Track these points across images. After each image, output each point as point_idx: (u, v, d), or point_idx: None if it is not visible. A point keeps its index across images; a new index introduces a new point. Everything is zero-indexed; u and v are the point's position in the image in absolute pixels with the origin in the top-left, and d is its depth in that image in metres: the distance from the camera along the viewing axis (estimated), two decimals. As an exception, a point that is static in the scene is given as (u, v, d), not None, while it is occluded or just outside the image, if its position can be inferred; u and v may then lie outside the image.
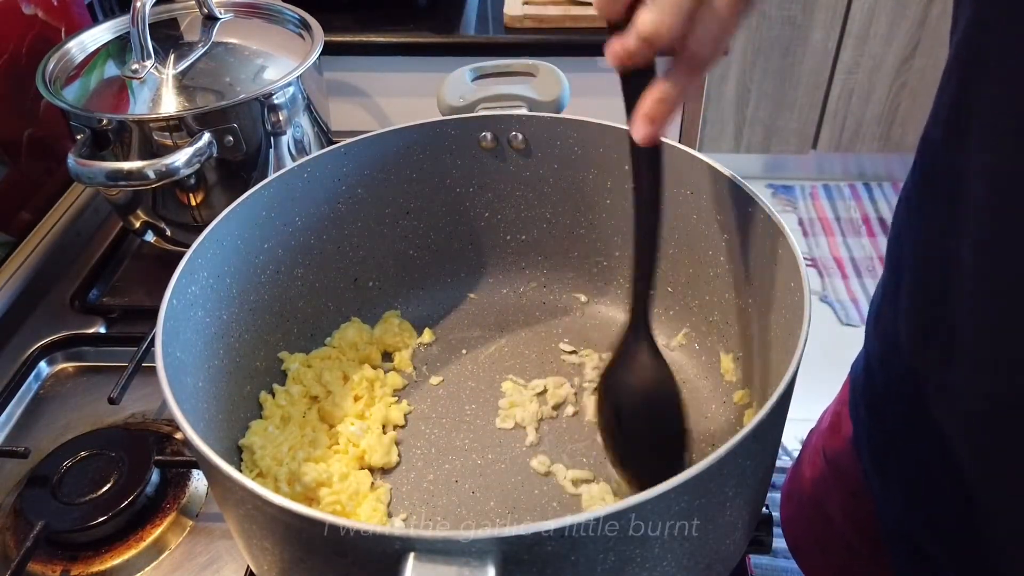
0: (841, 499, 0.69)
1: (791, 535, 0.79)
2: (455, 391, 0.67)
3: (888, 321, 0.56)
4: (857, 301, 2.17)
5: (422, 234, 0.72)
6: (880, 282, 0.60)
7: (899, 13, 2.13)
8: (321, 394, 0.65)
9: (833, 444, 0.70)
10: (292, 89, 0.80)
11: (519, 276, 0.75)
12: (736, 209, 0.59)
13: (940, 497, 0.52)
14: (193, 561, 0.59)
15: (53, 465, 0.62)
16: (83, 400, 0.73)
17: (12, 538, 0.60)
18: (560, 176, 0.69)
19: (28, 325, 0.79)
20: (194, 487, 0.63)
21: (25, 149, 0.89)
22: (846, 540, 0.70)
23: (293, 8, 0.89)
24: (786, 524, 0.80)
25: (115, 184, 0.73)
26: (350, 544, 0.38)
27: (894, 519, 0.60)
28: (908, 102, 2.30)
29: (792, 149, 2.44)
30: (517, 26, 1.09)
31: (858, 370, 0.65)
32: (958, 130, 0.43)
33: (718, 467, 0.39)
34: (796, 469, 0.79)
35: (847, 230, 2.40)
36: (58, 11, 0.94)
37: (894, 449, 0.58)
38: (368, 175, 0.67)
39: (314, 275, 0.68)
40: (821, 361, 1.31)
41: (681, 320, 0.69)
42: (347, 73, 1.13)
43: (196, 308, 0.56)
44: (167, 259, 0.67)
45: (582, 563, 0.39)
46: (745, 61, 2.24)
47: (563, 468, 0.60)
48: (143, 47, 0.78)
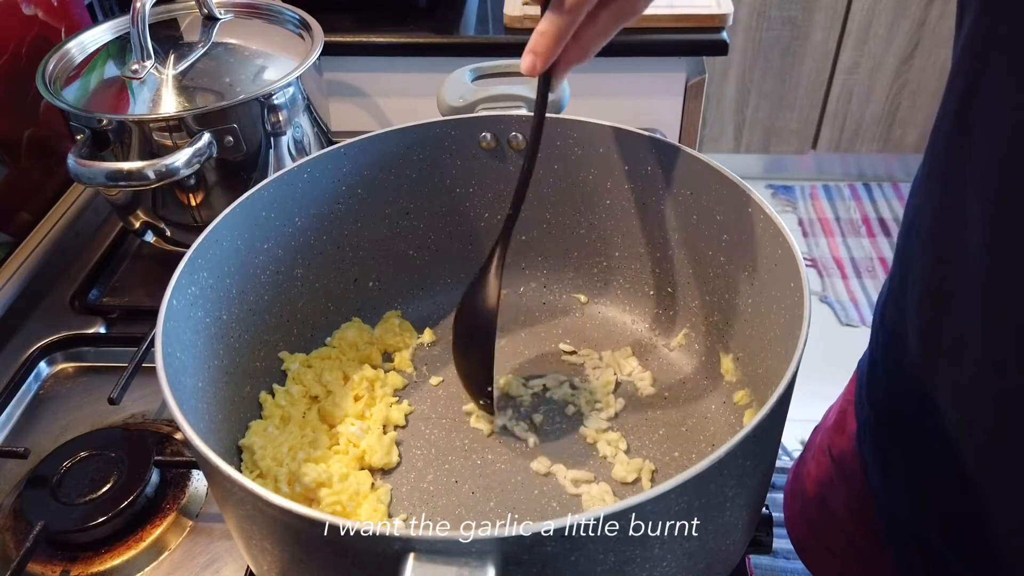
0: (846, 497, 0.69)
1: (795, 533, 0.79)
2: (455, 391, 0.67)
3: (895, 316, 0.56)
4: (857, 301, 2.17)
5: (422, 234, 0.72)
6: (887, 278, 0.60)
7: (899, 13, 2.13)
8: (321, 394, 0.65)
9: (839, 442, 0.70)
10: (292, 89, 0.80)
11: (519, 276, 0.75)
12: (736, 209, 0.59)
13: (947, 493, 0.52)
14: (193, 561, 0.59)
15: (53, 465, 0.62)
16: (83, 400, 0.73)
17: (12, 538, 0.60)
18: (560, 176, 0.69)
19: (28, 325, 0.79)
20: (194, 487, 0.63)
21: (25, 149, 0.89)
22: (850, 537, 0.70)
23: (293, 8, 0.89)
24: (790, 522, 0.80)
25: (115, 184, 0.73)
26: (350, 544, 0.38)
27: (899, 516, 0.60)
28: (908, 102, 2.30)
29: (792, 149, 2.44)
30: (517, 26, 1.09)
31: (864, 367, 0.65)
32: (966, 123, 0.44)
33: (718, 467, 0.39)
34: (800, 467, 0.79)
35: (847, 230, 2.40)
36: (58, 11, 0.94)
37: (900, 445, 0.58)
38: (368, 175, 0.67)
39: (314, 275, 0.68)
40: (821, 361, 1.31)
41: (681, 320, 0.69)
42: (347, 73, 1.13)
43: (196, 308, 0.56)
44: (167, 259, 0.67)
45: (582, 563, 0.39)
46: (745, 61, 2.24)
47: (563, 468, 0.60)
48: (143, 47, 0.78)
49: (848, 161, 2.54)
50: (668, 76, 1.11)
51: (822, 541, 0.75)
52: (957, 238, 0.45)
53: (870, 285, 2.22)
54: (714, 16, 1.05)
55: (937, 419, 0.50)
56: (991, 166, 0.42)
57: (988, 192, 0.42)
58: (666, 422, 0.64)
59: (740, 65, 2.25)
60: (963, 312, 0.46)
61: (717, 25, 1.06)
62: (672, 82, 1.11)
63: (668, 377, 0.67)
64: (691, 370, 0.67)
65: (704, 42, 1.06)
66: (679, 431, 0.63)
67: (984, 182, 0.43)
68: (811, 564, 0.79)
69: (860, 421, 0.65)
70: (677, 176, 0.63)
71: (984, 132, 0.42)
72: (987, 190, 0.42)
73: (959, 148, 0.45)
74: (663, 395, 0.66)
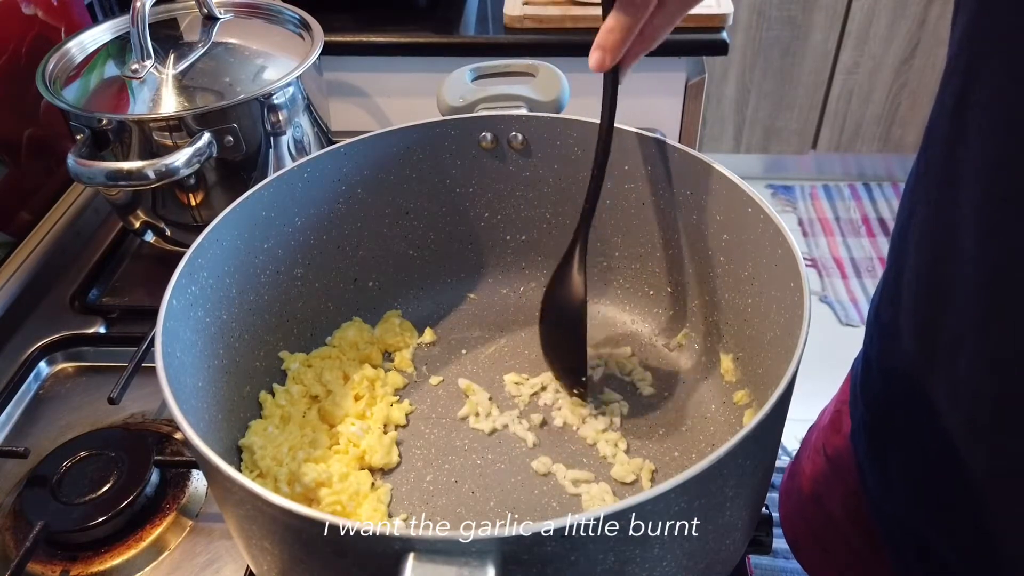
0: (841, 496, 0.69)
1: (790, 532, 0.79)
2: (455, 391, 0.67)
3: (890, 315, 0.56)
4: (857, 301, 2.17)
5: (422, 234, 0.72)
6: (882, 278, 0.60)
7: (899, 13, 2.13)
8: (321, 393, 0.65)
9: (833, 441, 0.70)
10: (292, 89, 0.80)
11: (519, 276, 0.75)
12: (736, 209, 0.59)
13: (944, 491, 0.52)
14: (193, 561, 0.59)
15: (53, 465, 0.62)
16: (83, 400, 0.73)
17: (12, 538, 0.60)
18: (560, 176, 0.69)
19: (28, 325, 0.79)
20: (194, 487, 0.63)
21: (25, 149, 0.89)
22: (845, 536, 0.70)
23: (293, 8, 0.89)
24: (785, 521, 0.80)
25: (115, 184, 0.73)
26: (350, 544, 0.38)
27: (896, 515, 0.60)
28: (908, 102, 2.30)
29: (792, 149, 2.44)
30: (517, 26, 1.09)
31: (858, 366, 0.65)
32: (961, 121, 0.44)
33: (718, 467, 0.39)
34: (795, 465, 0.79)
35: (847, 230, 2.40)
36: (58, 11, 0.94)
37: (896, 444, 0.58)
38: (368, 175, 0.67)
39: (314, 275, 0.68)
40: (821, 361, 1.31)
41: (681, 320, 0.69)
42: (347, 73, 1.13)
43: (196, 308, 0.56)
44: (167, 259, 0.67)
45: (582, 563, 0.39)
46: (745, 61, 2.24)
47: (563, 468, 0.60)
48: (143, 47, 0.78)
49: (848, 161, 2.55)
50: (668, 76, 1.11)
51: (817, 540, 0.75)
52: (952, 236, 0.45)
53: (870, 285, 2.22)
54: (714, 16, 1.05)
55: (933, 418, 0.50)
56: (985, 164, 0.42)
57: (982, 190, 0.42)
58: (666, 422, 0.64)
59: (740, 65, 2.25)
60: (959, 310, 0.46)
61: (717, 25, 1.06)
62: (672, 82, 1.11)
63: (668, 377, 0.67)
64: (691, 370, 0.67)
65: (704, 42, 1.06)
66: (679, 431, 0.63)
67: (978, 180, 0.43)
68: (806, 563, 0.79)
69: (855, 421, 0.65)
70: (677, 176, 0.63)
71: (978, 130, 0.42)
72: (981, 188, 0.42)
73: (954, 146, 0.45)
74: (663, 395, 0.66)
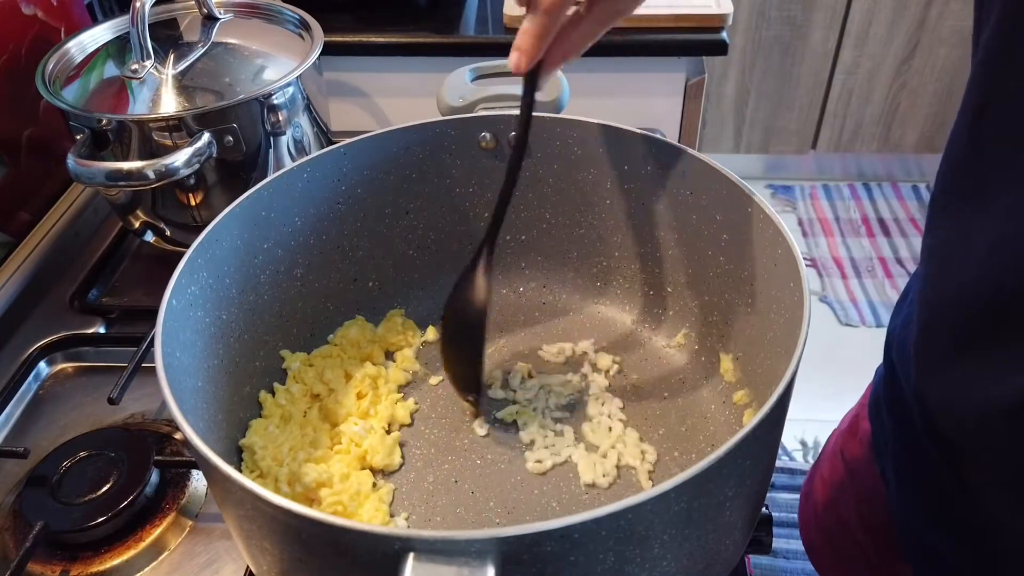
0: (855, 501, 0.69)
1: (806, 535, 0.79)
2: (455, 391, 0.67)
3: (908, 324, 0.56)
4: (856, 301, 2.17)
5: (422, 234, 0.72)
6: (908, 283, 0.60)
7: (899, 13, 2.14)
8: (323, 392, 0.65)
9: (851, 446, 0.70)
10: (292, 89, 0.80)
11: (519, 276, 0.75)
12: (736, 209, 0.59)
13: (958, 503, 0.52)
14: (193, 561, 0.59)
15: (52, 465, 0.62)
16: (83, 400, 0.72)
17: (12, 538, 0.60)
18: (560, 176, 0.69)
19: (28, 325, 0.79)
20: (194, 487, 0.63)
21: (25, 149, 0.89)
22: (856, 541, 0.70)
23: (293, 8, 0.89)
24: (803, 523, 0.80)
25: (115, 184, 0.73)
26: (349, 544, 0.38)
27: (910, 524, 0.59)
28: (907, 102, 2.30)
29: (792, 149, 2.44)
30: (517, 26, 1.08)
31: (879, 373, 0.65)
32: (982, 133, 0.43)
33: (718, 467, 0.39)
34: (815, 469, 0.79)
35: (846, 230, 2.40)
36: (58, 11, 0.93)
37: (911, 453, 0.57)
38: (368, 175, 0.67)
39: (314, 275, 0.68)
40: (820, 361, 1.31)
41: (681, 320, 0.69)
42: (347, 73, 1.13)
43: (196, 308, 0.55)
44: (167, 259, 0.67)
45: (582, 563, 0.39)
46: (745, 61, 2.25)
47: (561, 466, 0.60)
48: (143, 47, 0.78)
49: (848, 161, 2.55)
50: (668, 76, 1.11)
51: (829, 543, 0.75)
52: (972, 252, 0.45)
53: (870, 285, 2.22)
54: (714, 16, 1.05)
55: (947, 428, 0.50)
56: (1005, 179, 0.42)
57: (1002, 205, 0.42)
58: (666, 422, 0.64)
59: (740, 65, 2.25)
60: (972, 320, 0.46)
61: (717, 25, 1.06)
62: (672, 82, 1.11)
63: (668, 377, 0.67)
64: (691, 370, 0.67)
65: (704, 42, 1.06)
66: (679, 431, 0.63)
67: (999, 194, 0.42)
68: (819, 565, 0.79)
69: (872, 426, 0.65)
70: (677, 176, 0.63)
71: (997, 146, 0.42)
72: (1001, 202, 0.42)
73: (973, 162, 0.44)
74: (663, 395, 0.66)
